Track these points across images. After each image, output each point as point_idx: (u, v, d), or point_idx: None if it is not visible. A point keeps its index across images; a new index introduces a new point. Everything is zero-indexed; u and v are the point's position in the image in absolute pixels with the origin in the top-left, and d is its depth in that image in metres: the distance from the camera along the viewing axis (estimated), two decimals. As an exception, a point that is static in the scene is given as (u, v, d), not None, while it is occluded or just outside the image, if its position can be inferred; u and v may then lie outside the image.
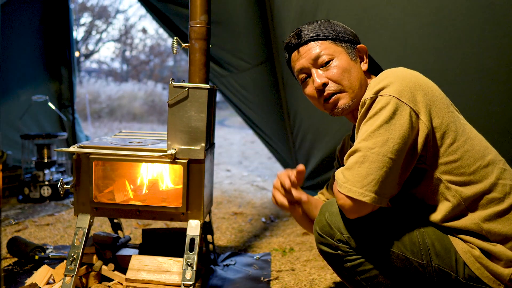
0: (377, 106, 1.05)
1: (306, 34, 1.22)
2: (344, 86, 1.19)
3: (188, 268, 1.50)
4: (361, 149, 1.04)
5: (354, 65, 1.21)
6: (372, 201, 1.02)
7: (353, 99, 1.20)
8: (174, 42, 1.55)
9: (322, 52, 1.19)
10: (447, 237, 1.11)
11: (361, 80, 1.21)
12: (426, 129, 1.05)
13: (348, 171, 1.05)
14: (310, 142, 2.92)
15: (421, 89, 1.06)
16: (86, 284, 1.64)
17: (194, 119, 1.52)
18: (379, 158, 1.02)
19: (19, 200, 3.13)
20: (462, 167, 1.07)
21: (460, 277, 1.08)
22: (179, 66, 18.20)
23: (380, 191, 1.02)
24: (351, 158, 1.06)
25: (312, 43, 1.21)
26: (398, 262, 1.10)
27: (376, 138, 1.03)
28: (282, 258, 2.07)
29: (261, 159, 5.57)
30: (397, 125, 1.02)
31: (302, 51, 1.22)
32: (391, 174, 1.03)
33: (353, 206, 1.04)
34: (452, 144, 1.07)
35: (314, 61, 1.21)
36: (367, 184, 1.02)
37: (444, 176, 1.08)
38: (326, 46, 1.20)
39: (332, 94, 1.20)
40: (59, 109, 3.99)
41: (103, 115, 11.47)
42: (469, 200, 1.08)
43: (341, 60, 1.19)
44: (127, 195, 1.70)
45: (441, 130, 1.07)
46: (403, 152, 1.04)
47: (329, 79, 1.19)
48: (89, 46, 16.05)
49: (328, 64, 1.19)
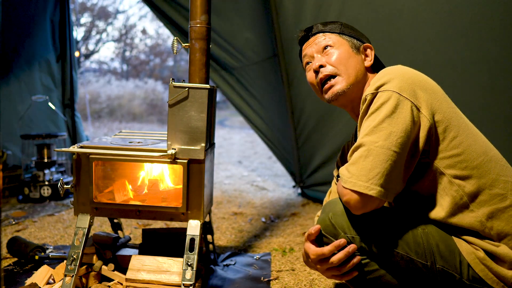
0: (378, 101, 1.07)
1: (316, 28, 1.33)
2: (339, 70, 1.25)
3: (188, 268, 1.50)
4: (365, 143, 1.05)
5: (354, 56, 1.27)
6: (378, 194, 1.02)
7: (348, 86, 1.24)
8: (174, 42, 1.55)
9: (325, 41, 1.29)
10: (451, 238, 1.11)
11: (358, 71, 1.25)
12: (428, 123, 1.06)
13: (353, 166, 1.05)
14: (315, 139, 2.92)
15: (421, 85, 1.08)
16: (86, 284, 1.64)
17: (194, 119, 1.52)
18: (384, 152, 1.02)
19: (19, 200, 3.13)
20: (465, 161, 1.08)
21: (464, 278, 1.08)
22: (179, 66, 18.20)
23: (386, 185, 1.03)
24: (355, 154, 1.07)
25: (320, 34, 1.31)
26: (402, 262, 1.10)
27: (379, 132, 1.04)
28: (282, 258, 2.06)
29: (261, 159, 5.57)
30: (399, 119, 1.04)
31: (310, 41, 1.33)
32: (396, 167, 1.04)
33: (359, 200, 1.03)
34: (454, 138, 1.08)
35: (317, 49, 1.30)
36: (372, 178, 1.02)
37: (448, 170, 1.08)
38: (331, 37, 1.29)
39: (327, 78, 1.25)
40: (62, 109, 4.00)
41: (103, 115, 11.47)
42: (472, 195, 1.08)
43: (341, 48, 1.27)
44: (127, 195, 1.69)
45: (443, 124, 1.08)
46: (406, 145, 1.04)
47: (326, 62, 1.27)
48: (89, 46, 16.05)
49: (328, 50, 1.28)
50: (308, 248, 1.15)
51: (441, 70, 2.03)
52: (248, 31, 2.98)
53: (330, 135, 2.78)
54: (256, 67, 3.09)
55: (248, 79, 3.19)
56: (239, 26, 2.99)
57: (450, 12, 1.98)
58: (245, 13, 2.92)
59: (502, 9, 1.84)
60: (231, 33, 3.03)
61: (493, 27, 1.89)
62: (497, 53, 1.90)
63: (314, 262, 1.15)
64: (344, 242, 1.10)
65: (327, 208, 1.17)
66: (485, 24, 1.90)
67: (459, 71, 2.01)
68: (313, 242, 1.15)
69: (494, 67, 1.93)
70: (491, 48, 1.91)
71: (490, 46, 1.91)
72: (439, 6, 2.02)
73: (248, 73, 3.15)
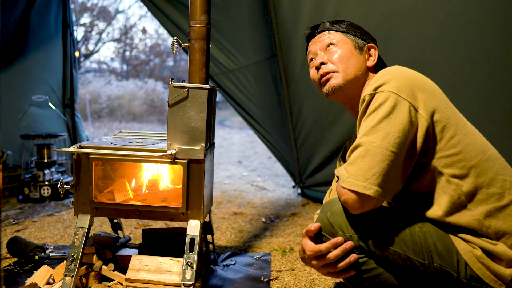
0: (376, 102, 1.08)
1: (323, 26, 1.36)
2: (339, 68, 1.27)
3: (188, 268, 1.50)
4: (362, 143, 1.06)
5: (356, 55, 1.28)
6: (376, 194, 1.02)
7: (345, 82, 1.25)
8: (174, 42, 1.55)
9: (329, 39, 1.31)
10: (448, 237, 1.11)
11: (358, 70, 1.27)
12: (425, 123, 1.07)
13: (351, 166, 1.06)
14: (313, 140, 2.92)
15: (419, 85, 1.09)
16: (86, 284, 1.64)
17: (194, 119, 1.52)
18: (381, 152, 1.03)
19: (19, 200, 3.13)
20: (463, 160, 1.08)
21: (461, 277, 1.08)
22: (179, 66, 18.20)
23: (383, 185, 1.03)
24: (353, 154, 1.08)
25: (325, 32, 1.34)
26: (400, 261, 1.10)
27: (377, 132, 1.05)
28: (282, 258, 2.07)
29: (261, 159, 5.57)
30: (397, 119, 1.05)
31: (315, 39, 1.35)
32: (394, 167, 1.04)
33: (357, 200, 1.04)
34: (452, 137, 1.09)
35: (321, 47, 1.32)
36: (370, 177, 1.03)
37: (446, 170, 1.09)
38: (335, 36, 1.31)
39: (327, 73, 1.27)
40: (63, 109, 4.00)
41: (103, 115, 11.47)
42: (470, 194, 1.08)
43: (344, 47, 1.29)
44: (127, 195, 1.70)
45: (441, 124, 1.08)
46: (404, 146, 1.05)
47: (328, 59, 1.29)
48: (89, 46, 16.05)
49: (331, 48, 1.30)
50: (305, 244, 1.16)
51: (440, 70, 2.03)
52: (247, 32, 2.99)
53: (328, 135, 2.78)
54: (254, 67, 3.09)
55: (246, 80, 3.20)
56: (238, 27, 3.00)
57: (449, 12, 1.98)
58: (243, 13, 2.93)
59: (502, 9, 1.84)
60: (230, 33, 3.04)
61: (494, 26, 1.89)
62: (497, 53, 1.90)
63: (310, 258, 1.16)
64: (342, 240, 1.11)
65: (326, 208, 1.18)
66: (485, 24, 1.90)
67: (458, 70, 2.01)
68: (311, 239, 1.16)
69: (494, 66, 1.93)
70: (491, 48, 1.91)
71: (490, 45, 1.91)
72: (438, 5, 2.02)
73: (247, 74, 3.16)
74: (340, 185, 1.08)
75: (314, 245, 1.14)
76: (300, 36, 2.62)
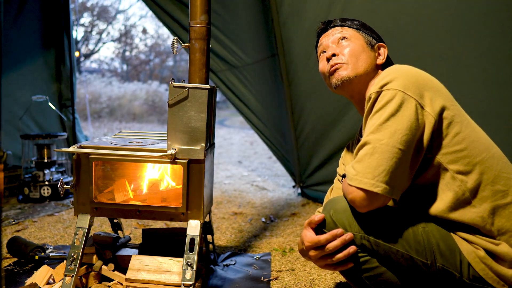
0: (383, 99, 1.08)
1: (335, 22, 1.38)
2: (349, 61, 1.27)
3: (188, 268, 1.50)
4: (370, 141, 1.06)
5: (368, 51, 1.30)
6: (384, 191, 1.02)
7: (355, 75, 1.26)
8: (174, 42, 1.55)
9: (342, 33, 1.33)
10: (451, 237, 1.11)
11: (369, 65, 1.28)
12: (432, 119, 1.07)
13: (358, 164, 1.06)
14: (315, 139, 2.92)
15: (425, 84, 1.10)
16: (86, 284, 1.64)
17: (194, 119, 1.52)
18: (389, 149, 1.03)
19: (19, 200, 3.13)
20: (468, 156, 1.08)
21: (464, 277, 1.08)
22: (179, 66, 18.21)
23: (391, 182, 1.03)
24: (360, 151, 1.08)
25: (338, 27, 1.35)
26: (402, 260, 1.10)
27: (384, 130, 1.05)
28: (282, 258, 2.06)
29: (261, 159, 5.57)
30: (404, 117, 1.05)
31: (328, 33, 1.37)
32: (401, 165, 1.04)
33: (365, 198, 1.04)
34: (457, 133, 1.09)
35: (333, 40, 1.33)
36: (378, 175, 1.03)
37: (451, 166, 1.09)
38: (348, 31, 1.33)
39: (337, 64, 1.28)
40: (59, 109, 3.99)
41: (103, 115, 11.47)
42: (474, 191, 1.08)
43: (356, 42, 1.30)
44: (127, 195, 1.69)
45: (447, 120, 1.09)
46: (411, 143, 1.05)
47: (339, 52, 1.29)
48: (89, 46, 16.05)
49: (343, 41, 1.31)
50: (305, 235, 1.16)
51: (446, 67, 2.02)
52: (249, 31, 2.99)
53: (330, 135, 2.78)
54: (256, 66, 3.09)
55: (248, 79, 3.20)
56: (240, 25, 2.99)
57: (456, 7, 1.97)
58: (245, 12, 2.92)
59: (510, 3, 1.83)
60: (232, 32, 3.04)
61: (500, 23, 1.87)
62: (504, 48, 1.89)
63: (307, 249, 1.15)
64: (342, 232, 1.10)
65: (329, 206, 1.17)
66: (492, 19, 1.89)
67: (464, 66, 1.99)
68: (312, 230, 1.16)
69: (500, 62, 1.92)
70: (498, 45, 1.90)
71: (496, 42, 1.90)
72: (443, 1, 2.01)
73: (248, 73, 3.16)
74: (348, 183, 1.07)
75: (314, 235, 1.14)
76: (302, 35, 2.62)
